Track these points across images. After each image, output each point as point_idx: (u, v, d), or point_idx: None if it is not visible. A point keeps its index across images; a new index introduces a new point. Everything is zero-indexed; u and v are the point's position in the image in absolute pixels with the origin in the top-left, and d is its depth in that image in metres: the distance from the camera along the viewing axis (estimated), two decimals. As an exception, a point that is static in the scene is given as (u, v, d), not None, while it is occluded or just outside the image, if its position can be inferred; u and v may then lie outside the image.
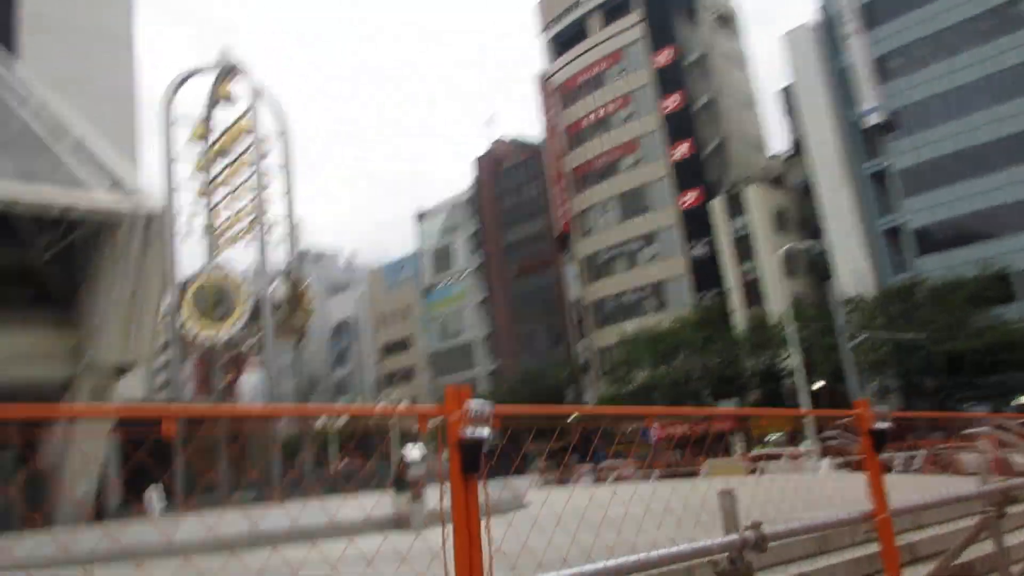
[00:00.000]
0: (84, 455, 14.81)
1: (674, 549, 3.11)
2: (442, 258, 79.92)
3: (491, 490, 2.62)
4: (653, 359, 47.20)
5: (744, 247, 52.78)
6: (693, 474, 27.14)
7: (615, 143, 62.14)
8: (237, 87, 14.37)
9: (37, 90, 34.81)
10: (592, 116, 64.23)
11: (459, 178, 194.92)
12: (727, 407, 42.53)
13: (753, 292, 51.54)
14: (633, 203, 60.59)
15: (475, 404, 2.44)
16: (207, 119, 16.08)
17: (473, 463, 2.47)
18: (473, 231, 74.76)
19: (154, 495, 15.39)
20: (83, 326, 22.57)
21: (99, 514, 13.96)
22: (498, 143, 76.10)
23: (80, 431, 19.28)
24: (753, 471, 25.40)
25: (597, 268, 62.72)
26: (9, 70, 38.35)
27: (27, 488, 24.52)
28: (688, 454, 34.57)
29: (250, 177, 14.33)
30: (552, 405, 39.30)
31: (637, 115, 61.06)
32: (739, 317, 50.53)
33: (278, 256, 14.65)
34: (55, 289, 23.17)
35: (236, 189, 15.53)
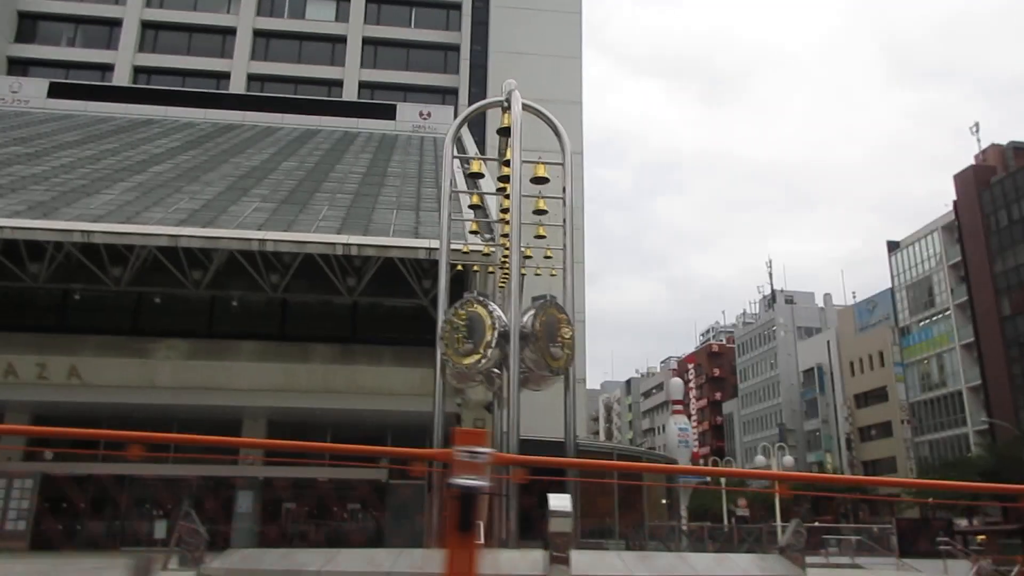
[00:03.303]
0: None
1: None
2: (920, 295, 68.88)
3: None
4: None
5: None
6: None
7: None
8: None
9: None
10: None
11: (938, 199, 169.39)
12: None
13: None
14: None
15: None
16: (504, 153, 15.72)
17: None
18: (955, 261, 62.95)
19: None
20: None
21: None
22: (988, 151, 63.38)
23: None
24: None
25: None
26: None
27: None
28: None
29: (510, 211, 13.29)
30: None
31: None
32: None
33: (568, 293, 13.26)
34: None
35: (503, 221, 14.77)
